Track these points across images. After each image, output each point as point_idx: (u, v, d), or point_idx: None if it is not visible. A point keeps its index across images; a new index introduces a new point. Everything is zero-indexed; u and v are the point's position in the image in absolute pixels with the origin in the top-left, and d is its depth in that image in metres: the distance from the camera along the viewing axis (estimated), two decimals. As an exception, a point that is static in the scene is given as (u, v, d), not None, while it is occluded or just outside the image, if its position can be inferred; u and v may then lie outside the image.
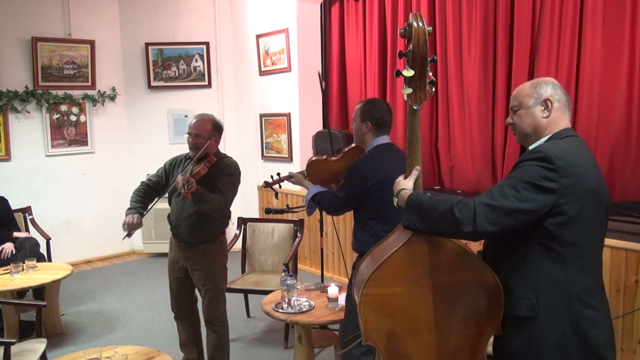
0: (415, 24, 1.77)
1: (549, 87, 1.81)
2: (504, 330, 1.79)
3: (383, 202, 2.61)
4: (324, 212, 3.96)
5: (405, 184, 1.88)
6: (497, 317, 1.78)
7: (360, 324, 1.82)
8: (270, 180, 3.20)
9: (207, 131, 3.14)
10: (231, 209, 3.34)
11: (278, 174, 3.18)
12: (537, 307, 1.70)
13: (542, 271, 1.70)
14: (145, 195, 3.30)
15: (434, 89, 1.87)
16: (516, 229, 1.68)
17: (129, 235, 3.10)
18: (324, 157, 2.97)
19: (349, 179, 2.73)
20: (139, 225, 3.09)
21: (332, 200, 2.78)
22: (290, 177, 3.04)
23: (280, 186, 3.22)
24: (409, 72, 1.79)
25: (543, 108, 1.80)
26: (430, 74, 1.83)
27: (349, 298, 2.80)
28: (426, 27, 1.78)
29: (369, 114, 2.74)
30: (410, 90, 1.82)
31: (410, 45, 1.78)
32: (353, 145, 2.91)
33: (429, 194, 1.84)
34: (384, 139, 2.78)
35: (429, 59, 1.80)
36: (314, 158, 2.98)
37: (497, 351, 1.87)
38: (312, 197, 2.85)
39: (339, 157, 2.93)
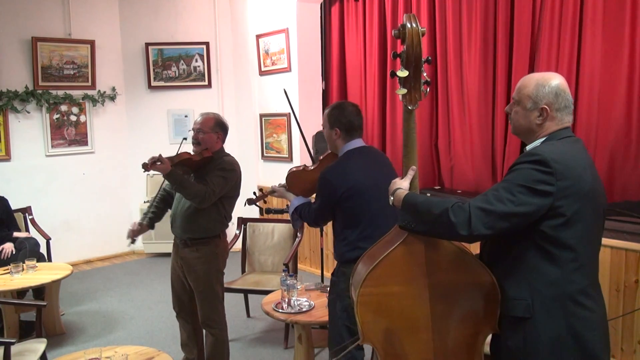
0: (409, 25, 1.78)
1: (552, 93, 1.76)
2: (500, 330, 1.79)
3: (355, 209, 2.56)
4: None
5: (401, 184, 1.88)
6: (494, 316, 1.79)
7: (357, 323, 1.83)
8: (253, 197, 3.11)
9: (209, 127, 3.21)
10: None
11: (260, 190, 3.10)
12: (533, 307, 1.70)
13: (538, 272, 1.70)
14: (161, 200, 3.43)
15: (428, 89, 1.87)
16: (512, 231, 1.68)
17: (133, 242, 3.32)
18: (302, 167, 2.90)
19: (319, 189, 2.65)
20: (138, 231, 3.29)
21: (309, 213, 2.71)
22: (273, 192, 2.95)
23: (265, 201, 3.13)
24: (403, 73, 1.80)
25: (538, 114, 1.78)
26: (425, 74, 1.83)
27: (330, 304, 2.71)
28: (420, 27, 1.78)
29: (336, 119, 2.65)
30: (404, 91, 1.83)
31: (405, 46, 1.79)
32: (328, 152, 2.84)
33: (428, 194, 1.83)
34: (356, 143, 2.68)
35: (423, 60, 1.81)
36: (292, 169, 2.91)
37: (494, 351, 1.87)
38: (295, 209, 2.78)
39: (316, 165, 2.85)
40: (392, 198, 1.89)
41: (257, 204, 3.10)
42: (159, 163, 2.95)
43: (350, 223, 2.59)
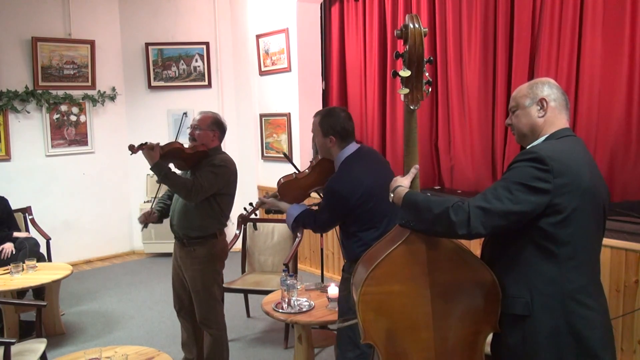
0: (411, 25, 1.78)
1: (545, 87, 1.83)
2: (500, 329, 1.80)
3: (370, 212, 2.55)
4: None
5: (402, 182, 1.89)
6: (495, 315, 1.79)
7: (358, 323, 1.83)
8: (244, 213, 3.06)
9: (205, 125, 3.23)
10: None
11: (251, 204, 3.04)
12: (532, 305, 1.71)
13: (537, 270, 1.71)
14: (169, 197, 3.44)
15: (430, 89, 1.88)
16: (510, 229, 1.70)
17: (145, 226, 3.31)
18: (293, 176, 2.85)
19: (328, 201, 2.62)
20: (149, 216, 3.29)
21: (316, 223, 2.69)
22: (263, 204, 2.91)
23: (256, 214, 3.10)
24: (405, 73, 1.80)
25: (539, 107, 1.81)
26: (427, 74, 1.84)
27: (341, 300, 2.73)
28: (422, 28, 1.79)
29: (329, 127, 2.61)
30: (407, 91, 1.83)
31: (407, 46, 1.79)
32: (319, 157, 2.79)
33: (428, 194, 1.84)
34: (352, 148, 2.65)
35: (425, 60, 1.81)
36: (282, 180, 2.85)
37: (494, 349, 1.88)
38: (295, 220, 2.73)
39: (308, 172, 2.81)
40: (392, 195, 1.90)
41: (250, 218, 3.09)
42: (150, 149, 2.97)
43: (366, 226, 2.57)
